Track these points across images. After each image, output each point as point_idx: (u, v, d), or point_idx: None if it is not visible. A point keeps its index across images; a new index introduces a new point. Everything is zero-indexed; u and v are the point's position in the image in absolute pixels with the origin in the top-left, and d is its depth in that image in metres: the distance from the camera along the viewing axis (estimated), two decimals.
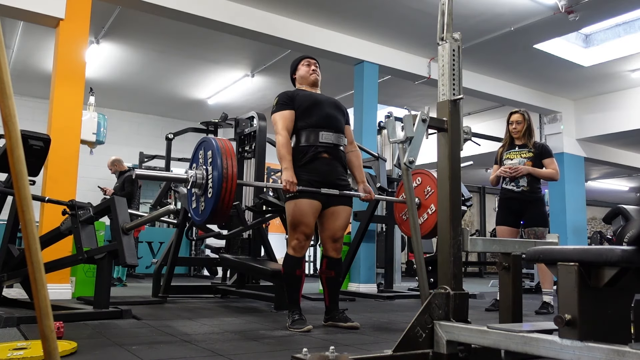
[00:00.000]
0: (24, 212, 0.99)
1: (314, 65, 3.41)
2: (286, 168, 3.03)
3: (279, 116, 3.20)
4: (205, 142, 2.81)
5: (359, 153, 3.44)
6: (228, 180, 2.58)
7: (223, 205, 2.57)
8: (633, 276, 1.39)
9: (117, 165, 6.89)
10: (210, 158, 2.70)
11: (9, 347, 2.09)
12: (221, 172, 2.59)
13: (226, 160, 2.63)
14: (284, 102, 3.23)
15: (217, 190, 2.57)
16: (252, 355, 2.22)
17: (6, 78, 0.97)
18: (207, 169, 2.69)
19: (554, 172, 4.35)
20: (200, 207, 2.70)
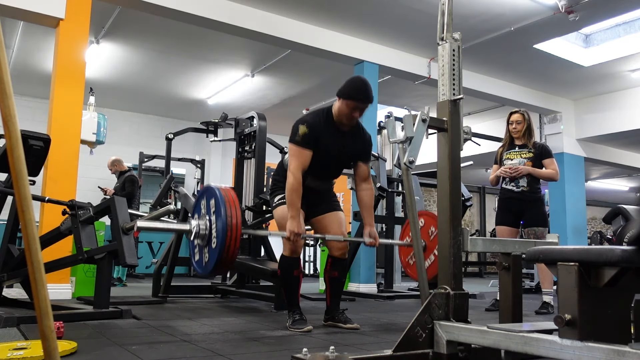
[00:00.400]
0: (24, 212, 0.99)
1: (358, 113, 3.02)
2: (292, 217, 2.92)
3: (298, 153, 2.98)
4: (207, 191, 2.69)
5: (372, 192, 3.25)
6: (233, 229, 2.47)
7: (228, 255, 2.45)
8: (633, 276, 1.39)
9: (117, 165, 6.89)
10: (213, 207, 2.59)
11: (9, 347, 2.09)
12: (225, 221, 2.47)
13: (230, 209, 2.52)
14: (309, 140, 2.98)
15: (221, 240, 2.46)
16: (252, 355, 2.22)
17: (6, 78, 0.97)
18: (210, 219, 2.58)
19: (554, 172, 4.35)
20: (204, 259, 2.57)
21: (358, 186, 3.24)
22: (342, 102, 3.00)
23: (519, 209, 4.34)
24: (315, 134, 3.00)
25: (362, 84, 3.00)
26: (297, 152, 2.98)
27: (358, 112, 3.02)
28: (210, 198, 2.63)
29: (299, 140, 2.98)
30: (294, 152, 2.99)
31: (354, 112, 3.00)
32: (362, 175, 3.23)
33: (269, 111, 8.68)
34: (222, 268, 2.54)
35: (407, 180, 1.99)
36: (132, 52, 7.25)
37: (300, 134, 2.98)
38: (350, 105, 2.98)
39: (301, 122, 3.03)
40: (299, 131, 2.99)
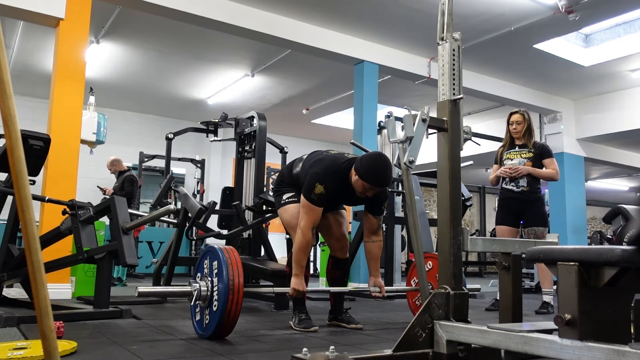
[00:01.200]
0: (24, 211, 0.98)
1: (372, 193, 2.89)
2: (296, 275, 2.92)
3: (311, 211, 2.89)
4: (210, 252, 2.67)
5: (381, 245, 3.20)
6: (234, 292, 2.47)
7: (229, 318, 2.47)
8: (633, 276, 1.39)
9: (116, 165, 6.89)
10: (215, 269, 2.58)
11: (9, 347, 2.09)
12: (227, 283, 2.47)
13: (232, 271, 2.52)
14: (323, 199, 2.89)
15: (223, 303, 2.46)
16: (252, 355, 2.22)
17: (6, 78, 0.97)
18: (212, 280, 2.58)
19: (554, 172, 4.35)
20: (204, 321, 2.58)
21: (367, 237, 3.15)
22: (358, 179, 2.85)
23: (519, 208, 4.34)
24: (330, 194, 2.92)
25: (382, 170, 2.81)
26: (310, 210, 2.89)
27: (372, 192, 2.89)
28: (214, 260, 2.62)
29: (315, 200, 2.88)
30: (307, 209, 2.90)
31: (368, 192, 2.88)
32: (372, 228, 3.14)
33: (269, 111, 8.69)
34: (223, 331, 2.52)
35: (407, 180, 1.99)
36: (132, 52, 7.25)
37: (316, 193, 2.87)
38: (365, 186, 2.84)
39: (319, 180, 2.89)
40: (315, 190, 2.88)
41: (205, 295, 2.57)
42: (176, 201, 8.52)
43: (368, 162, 2.82)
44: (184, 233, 4.73)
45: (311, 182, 2.89)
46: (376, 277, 3.16)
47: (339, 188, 2.93)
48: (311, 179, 2.90)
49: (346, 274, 3.31)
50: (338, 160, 2.98)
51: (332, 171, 2.93)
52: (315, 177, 2.90)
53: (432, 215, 10.54)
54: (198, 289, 2.58)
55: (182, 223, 4.69)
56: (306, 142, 11.70)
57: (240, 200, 5.00)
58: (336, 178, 2.92)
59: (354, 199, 3.02)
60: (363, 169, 2.81)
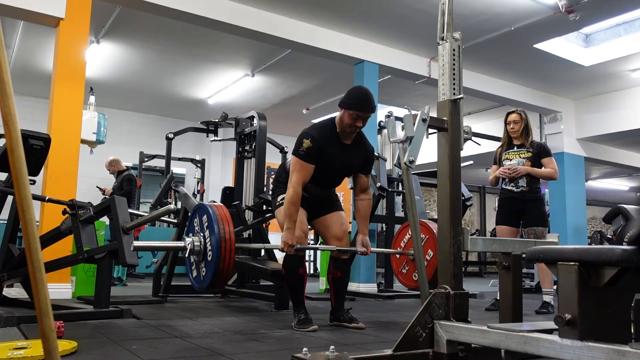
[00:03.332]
0: (24, 211, 0.99)
1: (360, 122, 3.04)
2: (288, 228, 2.96)
3: (300, 167, 2.99)
4: (200, 210, 2.74)
5: (370, 203, 3.29)
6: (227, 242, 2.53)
7: (224, 267, 2.51)
8: (633, 276, 1.39)
9: (115, 165, 6.90)
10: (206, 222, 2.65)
11: (9, 347, 2.09)
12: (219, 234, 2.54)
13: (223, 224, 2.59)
14: (313, 154, 3.00)
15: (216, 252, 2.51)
16: (252, 355, 2.22)
17: (6, 77, 0.97)
18: (204, 234, 2.64)
19: (553, 171, 4.35)
20: (201, 273, 2.63)
21: (356, 195, 3.28)
22: (344, 112, 3.02)
23: (519, 208, 4.34)
24: (319, 148, 3.01)
25: (364, 94, 3.01)
26: (299, 166, 2.99)
27: (361, 122, 3.03)
28: (203, 215, 2.68)
29: (303, 154, 2.99)
30: (297, 165, 3.00)
31: (356, 122, 3.02)
32: (362, 186, 3.27)
33: (269, 111, 8.69)
34: (218, 281, 2.57)
35: (407, 180, 1.99)
36: (132, 52, 7.25)
37: (304, 148, 2.99)
38: (352, 115, 2.99)
39: (306, 135, 3.03)
40: (303, 145, 2.99)
41: (199, 249, 2.63)
42: (176, 201, 8.52)
43: (349, 92, 3.06)
44: (184, 233, 4.73)
45: (299, 140, 3.03)
46: (364, 234, 3.25)
47: (327, 141, 3.05)
48: (299, 138, 3.05)
49: (347, 274, 3.33)
50: (323, 120, 3.22)
51: (318, 126, 3.13)
52: (302, 135, 3.05)
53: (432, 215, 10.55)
54: (191, 243, 2.63)
55: (182, 223, 4.69)
56: None
57: (241, 200, 5.00)
58: (323, 129, 3.08)
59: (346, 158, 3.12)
60: (346, 99, 3.02)
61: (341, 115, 3.05)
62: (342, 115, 3.04)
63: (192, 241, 2.66)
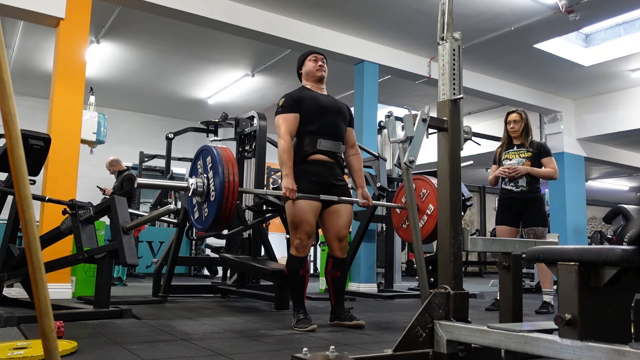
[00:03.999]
0: (24, 211, 0.99)
1: (320, 61, 3.32)
2: (287, 175, 3.02)
3: (283, 119, 3.14)
4: (203, 151, 2.78)
5: (360, 157, 3.41)
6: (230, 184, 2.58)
7: (227, 207, 2.54)
8: (633, 276, 1.39)
9: (115, 165, 6.90)
10: (209, 164, 2.68)
11: (9, 347, 2.09)
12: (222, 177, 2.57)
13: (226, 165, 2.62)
14: (290, 104, 3.17)
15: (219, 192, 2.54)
16: (253, 355, 2.22)
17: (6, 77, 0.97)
18: (207, 176, 2.66)
19: (552, 171, 4.35)
20: (203, 214, 2.65)
21: (346, 152, 3.36)
22: (305, 65, 3.33)
23: (519, 208, 4.34)
24: (294, 99, 3.19)
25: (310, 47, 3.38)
26: (282, 120, 3.14)
27: (321, 62, 3.31)
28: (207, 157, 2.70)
29: (281, 110, 3.17)
30: (280, 121, 3.15)
31: (317, 63, 3.30)
32: (350, 141, 3.37)
33: (269, 111, 8.65)
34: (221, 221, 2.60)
35: (407, 180, 1.99)
36: (132, 52, 7.25)
37: (280, 105, 3.19)
38: (311, 59, 3.31)
39: (280, 98, 3.25)
40: (279, 103, 3.20)
41: (202, 190, 2.64)
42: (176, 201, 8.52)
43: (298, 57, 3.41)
44: (184, 233, 4.73)
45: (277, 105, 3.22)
46: (362, 187, 3.36)
47: (302, 93, 3.22)
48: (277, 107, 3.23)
49: (345, 273, 3.33)
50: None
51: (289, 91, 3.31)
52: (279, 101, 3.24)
53: None
54: (194, 184, 2.65)
55: (182, 223, 4.69)
56: None
57: (240, 200, 5.00)
58: (294, 91, 3.27)
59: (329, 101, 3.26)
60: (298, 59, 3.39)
61: (304, 71, 3.33)
62: (305, 70, 3.32)
63: (196, 182, 2.68)
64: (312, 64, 3.30)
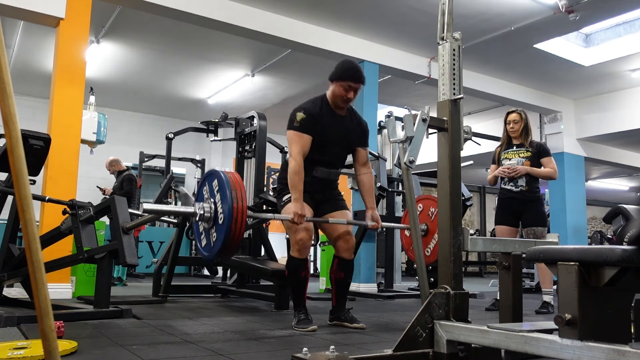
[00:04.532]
0: (24, 211, 0.99)
1: (352, 93, 3.06)
2: (296, 199, 2.93)
3: (298, 138, 2.99)
4: (209, 176, 2.71)
5: (372, 175, 3.28)
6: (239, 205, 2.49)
7: (236, 230, 2.46)
8: (633, 276, 1.39)
9: (115, 165, 6.90)
10: (216, 187, 2.61)
11: (9, 347, 2.09)
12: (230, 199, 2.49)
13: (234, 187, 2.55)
14: (307, 124, 3.00)
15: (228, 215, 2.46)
16: (253, 355, 2.22)
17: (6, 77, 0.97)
18: (214, 200, 2.59)
19: (552, 171, 4.35)
20: (211, 239, 2.57)
21: (358, 171, 3.28)
22: (335, 85, 3.06)
23: (518, 208, 4.34)
24: (314, 119, 3.03)
25: (353, 65, 3.08)
26: (297, 138, 3.01)
27: (352, 93, 3.06)
28: (213, 181, 2.65)
29: (298, 126, 3.01)
30: (294, 138, 3.01)
31: (348, 93, 3.05)
32: (361, 161, 3.27)
33: (269, 111, 8.67)
34: (230, 245, 2.52)
35: (407, 180, 1.99)
36: (132, 52, 7.25)
37: (298, 120, 3.01)
38: (343, 86, 3.03)
39: (298, 109, 3.07)
40: (297, 117, 3.02)
41: (209, 215, 2.58)
42: (176, 201, 8.53)
43: (338, 65, 3.09)
44: (184, 233, 4.74)
45: (292, 115, 3.04)
46: (373, 209, 3.23)
47: (321, 112, 3.06)
48: (291, 114, 3.05)
49: (350, 275, 3.29)
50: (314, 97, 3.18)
51: (309, 101, 3.12)
52: (294, 110, 3.07)
53: None
54: (202, 208, 2.60)
55: (183, 223, 4.69)
56: None
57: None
58: (315, 102, 3.09)
59: (343, 128, 3.13)
60: (336, 71, 3.05)
61: (332, 88, 3.08)
62: (334, 88, 3.07)
63: (202, 207, 2.61)
64: (342, 92, 3.04)
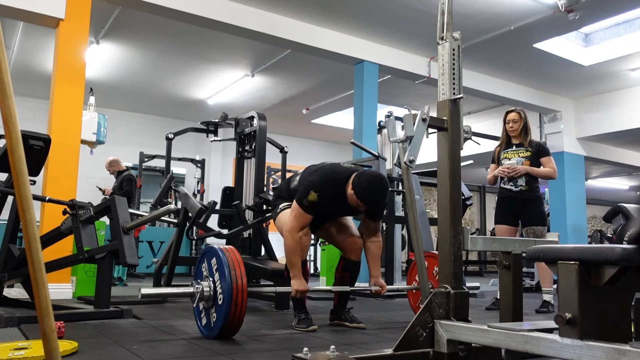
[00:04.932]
0: (25, 211, 0.99)
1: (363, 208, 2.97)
2: (295, 276, 2.91)
3: (300, 216, 2.90)
4: (207, 253, 2.68)
5: (380, 244, 3.21)
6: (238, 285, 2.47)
7: (237, 310, 2.45)
8: (633, 275, 1.40)
9: (114, 165, 6.90)
10: (215, 265, 2.59)
11: (9, 347, 2.09)
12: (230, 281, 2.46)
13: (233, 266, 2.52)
14: (315, 208, 2.91)
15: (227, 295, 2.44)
16: (253, 355, 2.23)
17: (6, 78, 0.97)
18: (213, 279, 2.58)
19: (551, 170, 4.35)
20: (211, 319, 2.56)
21: (366, 237, 3.16)
22: (353, 194, 2.87)
23: (518, 208, 4.34)
24: (323, 204, 2.92)
25: (378, 193, 2.90)
26: (299, 215, 2.91)
27: (365, 208, 2.97)
28: (212, 258, 2.62)
29: (306, 206, 2.89)
30: (297, 213, 2.91)
31: (360, 207, 2.95)
32: (371, 231, 3.16)
33: (269, 111, 8.69)
34: (231, 325, 2.49)
35: (407, 180, 1.99)
36: (132, 52, 7.25)
37: (309, 200, 2.88)
38: (359, 203, 2.90)
39: (314, 188, 2.90)
40: (309, 197, 2.88)
41: (209, 295, 2.57)
42: (176, 201, 8.51)
43: (366, 182, 2.85)
44: (184, 233, 4.73)
45: (307, 189, 2.90)
46: (377, 278, 3.18)
47: (334, 198, 2.93)
48: (307, 186, 2.92)
49: (355, 277, 3.30)
50: (335, 170, 3.00)
51: (328, 180, 2.94)
52: (311, 184, 2.92)
53: (433, 214, 10.55)
54: (200, 288, 2.58)
55: (183, 223, 4.69)
56: (306, 141, 11.70)
57: (241, 199, 5.00)
58: (332, 188, 2.92)
59: (348, 210, 3.06)
60: (360, 188, 2.84)
61: (350, 193, 2.89)
62: (351, 195, 2.89)
63: (202, 286, 2.59)
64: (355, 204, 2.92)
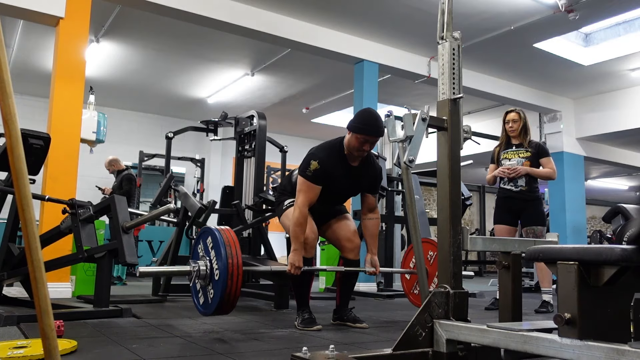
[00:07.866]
0: (24, 210, 0.99)
1: (367, 146, 3.00)
2: (295, 250, 2.94)
3: (307, 187, 2.96)
4: (203, 234, 2.73)
5: (378, 222, 3.26)
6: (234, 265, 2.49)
7: (233, 285, 2.47)
8: (633, 275, 1.40)
9: (114, 164, 6.90)
10: (210, 244, 2.63)
11: (9, 346, 2.09)
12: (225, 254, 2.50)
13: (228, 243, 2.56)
14: (319, 176, 2.97)
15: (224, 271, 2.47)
16: (252, 354, 2.23)
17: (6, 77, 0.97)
18: (209, 258, 2.62)
19: (551, 171, 4.36)
20: (208, 296, 2.60)
21: (364, 215, 3.22)
22: (352, 136, 2.98)
23: (517, 208, 4.35)
24: (326, 170, 2.98)
25: (373, 119, 2.98)
26: (306, 187, 2.97)
27: (368, 145, 3.00)
28: (207, 238, 2.66)
29: (310, 176, 2.96)
30: (303, 186, 2.97)
31: (364, 145, 2.98)
32: (369, 206, 3.22)
33: (268, 110, 8.69)
34: (227, 301, 2.52)
35: (407, 179, 1.99)
36: (132, 51, 7.24)
37: (311, 169, 2.96)
38: (360, 139, 2.96)
39: (313, 156, 3.01)
40: (310, 166, 2.97)
41: (205, 273, 2.61)
42: (176, 200, 8.51)
43: (358, 116, 3.04)
44: (184, 232, 4.74)
45: (306, 161, 3.01)
46: (373, 254, 3.22)
47: (335, 163, 3.03)
48: (306, 158, 3.05)
49: (355, 276, 3.32)
50: (329, 141, 3.16)
51: (326, 147, 3.10)
52: (310, 155, 3.03)
53: (432, 214, 10.56)
54: (196, 266, 2.63)
55: (182, 222, 4.69)
56: (306, 141, 11.68)
57: (240, 199, 5.00)
58: (330, 151, 3.05)
59: (354, 179, 3.11)
60: (355, 123, 2.99)
61: (349, 138, 3.01)
62: (350, 139, 3.00)
63: (198, 265, 2.63)
64: (357, 144, 2.98)
